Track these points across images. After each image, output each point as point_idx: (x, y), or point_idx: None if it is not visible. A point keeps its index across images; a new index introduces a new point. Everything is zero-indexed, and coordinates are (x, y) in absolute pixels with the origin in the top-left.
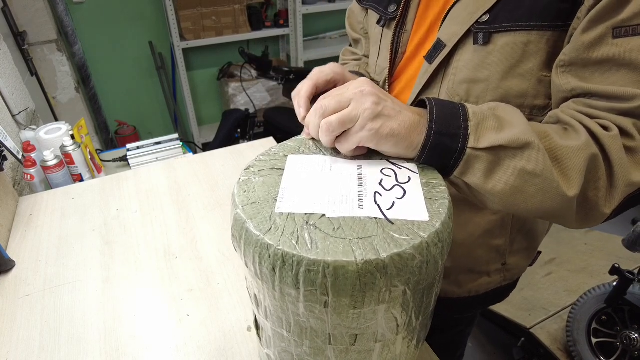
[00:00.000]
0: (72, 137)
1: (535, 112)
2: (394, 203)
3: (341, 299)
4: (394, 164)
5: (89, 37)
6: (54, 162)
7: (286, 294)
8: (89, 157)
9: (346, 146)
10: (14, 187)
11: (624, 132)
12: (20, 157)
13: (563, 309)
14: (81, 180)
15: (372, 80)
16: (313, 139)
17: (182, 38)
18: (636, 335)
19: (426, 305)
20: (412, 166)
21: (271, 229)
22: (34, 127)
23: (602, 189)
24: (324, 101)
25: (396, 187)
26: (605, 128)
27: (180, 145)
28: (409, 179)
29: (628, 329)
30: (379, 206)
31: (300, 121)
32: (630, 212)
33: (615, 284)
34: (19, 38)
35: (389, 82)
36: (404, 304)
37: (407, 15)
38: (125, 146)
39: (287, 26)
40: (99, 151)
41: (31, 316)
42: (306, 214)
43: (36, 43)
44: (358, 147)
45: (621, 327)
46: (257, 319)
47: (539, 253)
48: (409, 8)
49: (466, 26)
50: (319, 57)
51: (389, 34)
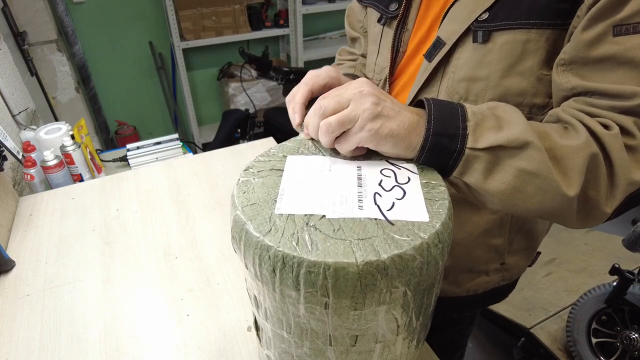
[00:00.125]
0: (72, 137)
1: (534, 110)
2: (393, 204)
3: (342, 300)
4: (393, 164)
5: (89, 37)
6: (54, 162)
7: (286, 295)
8: (89, 157)
9: (345, 146)
10: (14, 187)
11: (624, 131)
12: (20, 157)
13: (563, 309)
14: (81, 180)
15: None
16: (312, 139)
17: (182, 38)
18: (636, 335)
19: (426, 305)
20: (412, 166)
21: (271, 230)
22: (34, 127)
23: (602, 188)
24: (323, 101)
25: (396, 187)
26: (605, 127)
27: (180, 145)
28: (409, 179)
29: (628, 329)
30: (378, 207)
31: (294, 127)
32: (630, 212)
33: (615, 284)
34: (19, 38)
35: (390, 81)
36: (404, 304)
37: (408, 14)
38: (125, 146)
39: (287, 26)
40: (99, 151)
41: (31, 316)
42: (306, 215)
43: (36, 43)
44: (357, 147)
45: (621, 327)
46: (257, 320)
47: (539, 254)
48: (410, 7)
49: (465, 24)
50: (319, 57)
51: (389, 32)
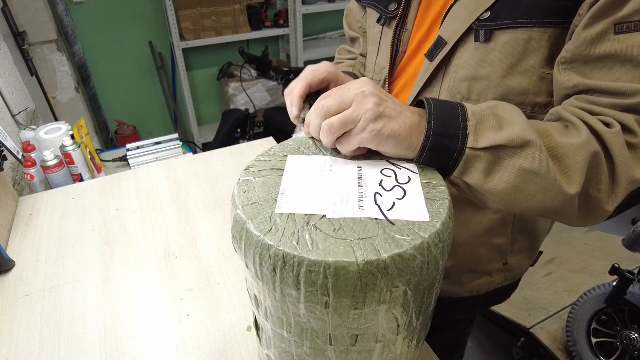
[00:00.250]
0: (72, 137)
1: (537, 109)
2: (394, 204)
3: (342, 300)
4: (394, 164)
5: (89, 37)
6: (54, 162)
7: (287, 294)
8: (89, 157)
9: (347, 147)
10: (14, 187)
11: (626, 129)
12: (20, 157)
13: (563, 309)
14: (81, 180)
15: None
16: (312, 138)
17: (182, 38)
18: (636, 335)
19: (427, 305)
20: (412, 166)
21: (272, 229)
22: (34, 127)
23: (604, 187)
24: (325, 102)
25: (396, 187)
26: (607, 125)
27: (180, 145)
28: (409, 179)
29: (628, 329)
30: (379, 207)
31: (292, 120)
32: (630, 212)
33: (615, 284)
34: (19, 38)
35: (389, 81)
36: (404, 304)
37: (407, 14)
38: (125, 146)
39: (287, 26)
40: (99, 151)
41: (31, 316)
42: (307, 214)
43: (36, 43)
44: (359, 147)
45: (621, 327)
46: (257, 319)
47: (541, 253)
48: (410, 7)
49: (467, 24)
50: (319, 57)
51: (389, 32)
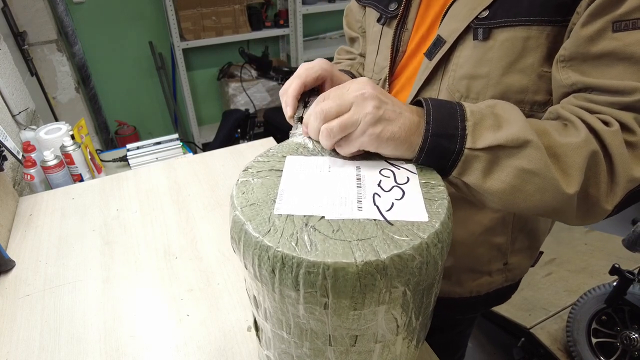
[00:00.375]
0: (72, 137)
1: (535, 107)
2: (393, 204)
3: (341, 300)
4: (392, 164)
5: (89, 37)
6: (54, 162)
7: (286, 295)
8: (89, 157)
9: (346, 150)
10: (14, 187)
11: (624, 127)
12: (20, 157)
13: (563, 309)
14: (81, 180)
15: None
16: (310, 137)
17: (182, 38)
18: (636, 335)
19: (426, 305)
20: (411, 167)
21: (270, 230)
22: (34, 127)
23: (603, 185)
24: (324, 104)
25: (395, 188)
26: (605, 123)
27: (180, 145)
28: (408, 179)
29: (628, 329)
30: (378, 207)
31: (287, 120)
32: (630, 212)
33: (615, 284)
34: (19, 38)
35: (389, 80)
36: (403, 304)
37: (408, 13)
38: (125, 146)
39: (287, 26)
40: (99, 151)
41: (31, 316)
42: (305, 215)
43: (36, 43)
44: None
45: (621, 327)
46: (257, 320)
47: (541, 253)
48: (410, 7)
49: (466, 22)
50: (318, 57)
51: (389, 32)
